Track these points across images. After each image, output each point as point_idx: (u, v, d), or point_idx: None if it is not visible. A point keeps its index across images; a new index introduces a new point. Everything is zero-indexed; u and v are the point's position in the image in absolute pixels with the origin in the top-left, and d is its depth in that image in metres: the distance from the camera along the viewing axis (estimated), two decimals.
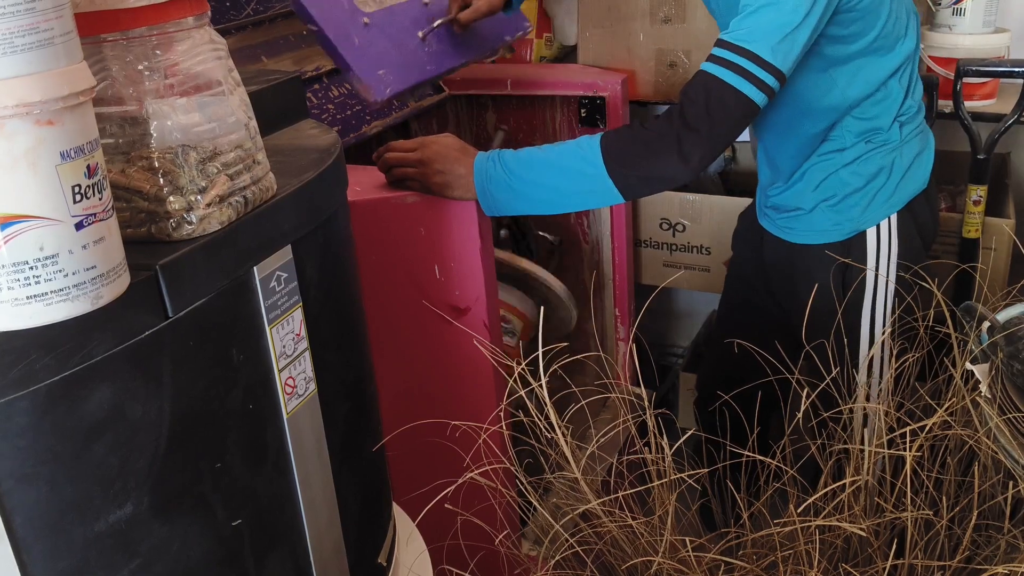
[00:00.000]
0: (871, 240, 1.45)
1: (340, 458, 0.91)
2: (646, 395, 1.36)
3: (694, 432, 1.26)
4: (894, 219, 1.45)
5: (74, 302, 0.58)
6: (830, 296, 1.44)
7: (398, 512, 1.15)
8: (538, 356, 1.14)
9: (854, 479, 1.20)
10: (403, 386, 1.37)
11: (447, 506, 1.13)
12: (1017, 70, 1.77)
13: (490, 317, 1.35)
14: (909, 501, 1.17)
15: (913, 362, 1.33)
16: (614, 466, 1.33)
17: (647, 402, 1.29)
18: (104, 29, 0.67)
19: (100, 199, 0.59)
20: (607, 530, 1.24)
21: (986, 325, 1.29)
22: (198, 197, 0.70)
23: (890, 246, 1.45)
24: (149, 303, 0.65)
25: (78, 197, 0.57)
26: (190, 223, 0.70)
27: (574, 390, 1.30)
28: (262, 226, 0.76)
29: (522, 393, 1.16)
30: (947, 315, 1.32)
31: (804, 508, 1.14)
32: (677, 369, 2.41)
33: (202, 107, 0.72)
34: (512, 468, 1.23)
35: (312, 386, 0.84)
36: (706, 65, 1.24)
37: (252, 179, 0.75)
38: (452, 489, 1.12)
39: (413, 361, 1.40)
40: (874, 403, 1.44)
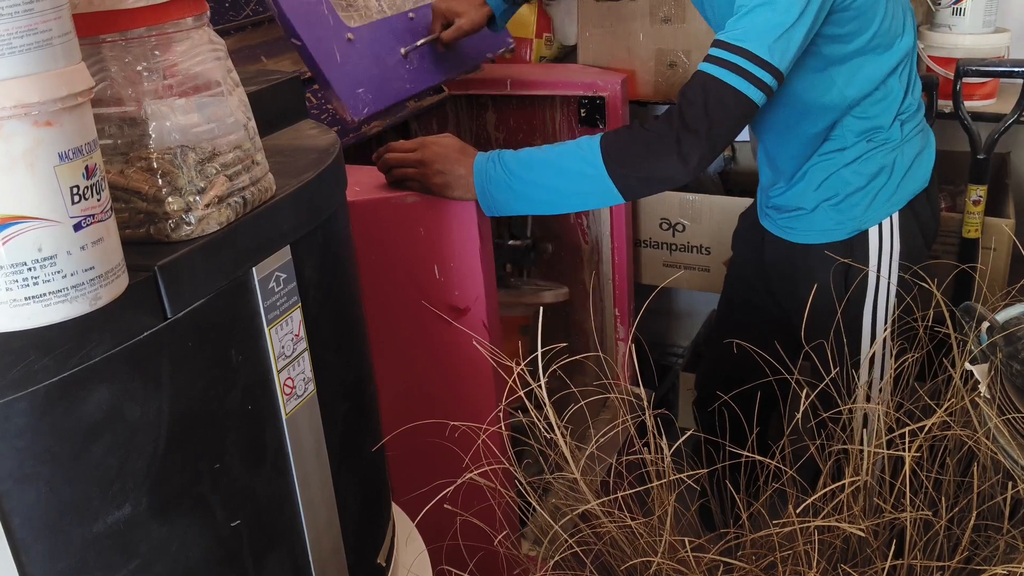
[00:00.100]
0: (873, 239, 1.45)
1: (339, 458, 0.91)
2: (645, 395, 1.36)
3: (693, 432, 1.26)
4: (896, 218, 1.45)
5: (72, 303, 0.58)
6: (831, 296, 1.44)
7: (397, 512, 1.15)
8: (537, 356, 1.14)
9: (853, 479, 1.20)
10: (402, 386, 1.37)
11: (446, 506, 1.13)
12: (1017, 70, 1.77)
13: (489, 317, 1.35)
14: (908, 501, 1.17)
15: (912, 362, 1.33)
16: (613, 466, 1.33)
17: (647, 402, 1.29)
18: (103, 30, 0.67)
19: (98, 200, 0.59)
20: (606, 530, 1.24)
21: (985, 325, 1.29)
22: (197, 198, 0.70)
23: (892, 245, 1.45)
24: (148, 304, 0.65)
25: (76, 198, 0.57)
26: (189, 224, 0.70)
27: (573, 390, 1.30)
28: (261, 227, 0.76)
29: (521, 393, 1.16)
30: (946, 315, 1.32)
31: (803, 508, 1.14)
32: (677, 369, 2.41)
33: (201, 108, 0.72)
34: (511, 468, 1.23)
35: (311, 386, 0.84)
36: (703, 65, 1.24)
37: (251, 180, 0.75)
38: (451, 489, 1.12)
39: (412, 361, 1.40)
40: (873, 403, 1.44)
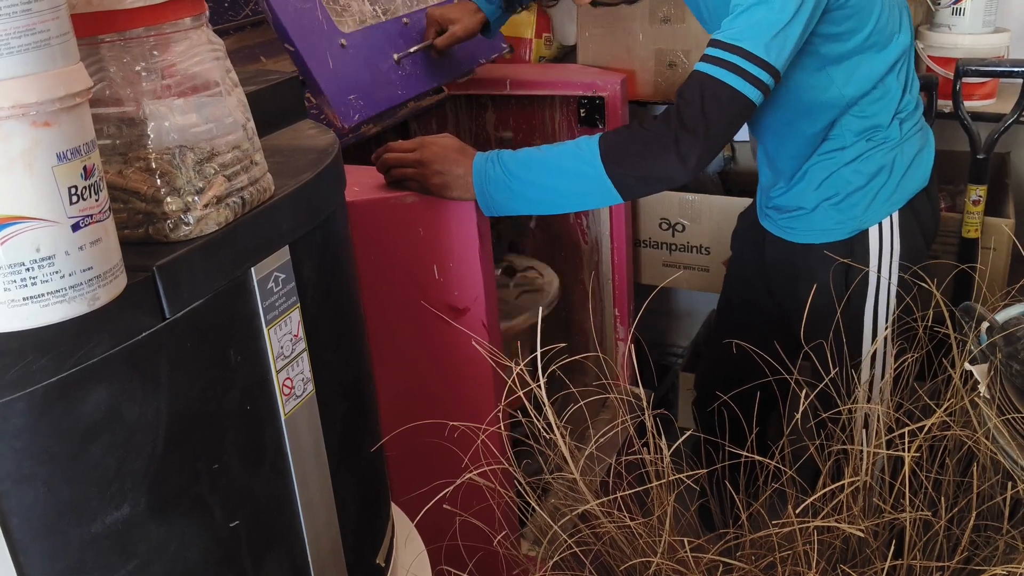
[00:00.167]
0: (873, 238, 1.45)
1: (338, 458, 0.90)
2: (645, 395, 1.36)
3: (693, 432, 1.26)
4: (896, 217, 1.45)
5: (71, 303, 0.58)
6: (831, 296, 1.43)
7: (397, 512, 1.15)
8: (536, 357, 1.14)
9: (853, 480, 1.20)
10: (402, 386, 1.37)
11: (446, 506, 1.13)
12: (1016, 70, 1.77)
13: (489, 317, 1.35)
14: (908, 502, 1.17)
15: (912, 362, 1.33)
16: (613, 467, 1.33)
17: (646, 402, 1.29)
18: (101, 30, 0.67)
19: (97, 200, 0.59)
20: (606, 531, 1.24)
21: (985, 325, 1.29)
22: (195, 198, 0.70)
23: (892, 244, 1.45)
24: (146, 304, 0.65)
25: (75, 198, 0.57)
26: (187, 224, 0.70)
27: (573, 391, 1.30)
28: (260, 227, 0.76)
29: (520, 394, 1.16)
30: (946, 315, 1.32)
31: (803, 509, 1.14)
32: (676, 369, 2.41)
33: (199, 108, 0.71)
34: (511, 469, 1.23)
35: (310, 387, 0.84)
36: (700, 65, 1.24)
37: (250, 180, 0.75)
38: (451, 489, 1.12)
39: (412, 361, 1.40)
40: (873, 403, 1.44)
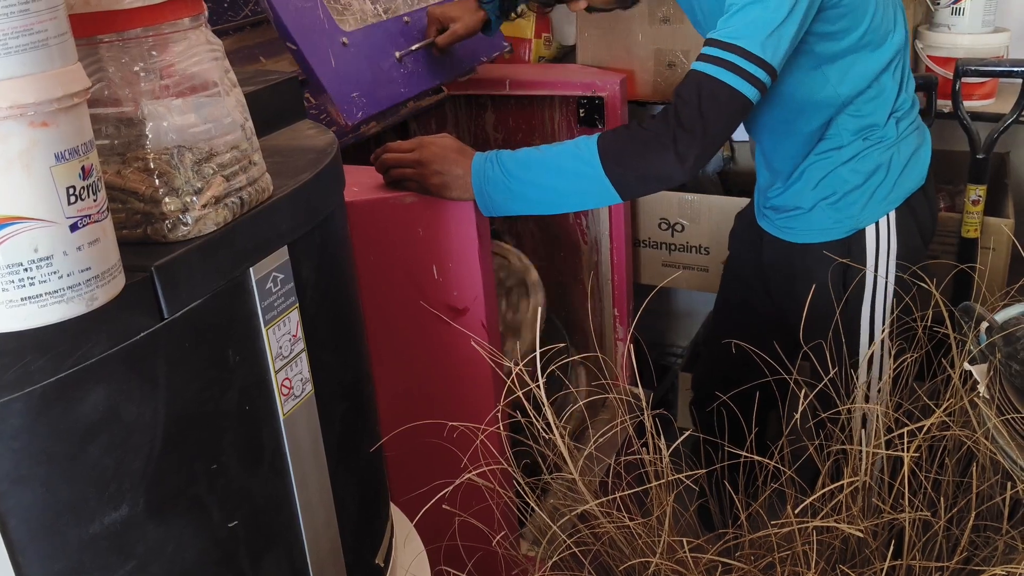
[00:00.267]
0: (870, 238, 1.45)
1: (337, 459, 0.90)
2: (644, 395, 1.36)
3: (692, 433, 1.26)
4: (893, 216, 1.45)
5: (69, 304, 0.58)
6: (829, 295, 1.43)
7: (396, 513, 1.15)
8: (535, 357, 1.14)
9: (852, 480, 1.20)
10: (401, 387, 1.37)
11: (445, 507, 1.13)
12: (1016, 70, 1.77)
13: (488, 318, 1.35)
14: (907, 502, 1.17)
15: (911, 362, 1.33)
16: (612, 467, 1.33)
17: (645, 402, 1.28)
18: (100, 30, 0.66)
19: (95, 200, 0.59)
20: (605, 531, 1.24)
21: (984, 325, 1.29)
22: (194, 198, 0.70)
23: (889, 243, 1.45)
24: (144, 305, 0.65)
25: (73, 199, 0.57)
26: (186, 224, 0.70)
27: (572, 391, 1.30)
28: (258, 227, 0.76)
29: (520, 394, 1.16)
30: (945, 315, 1.32)
31: (802, 509, 1.14)
32: (676, 369, 2.41)
33: (198, 108, 0.71)
34: (510, 469, 1.23)
35: (309, 387, 0.84)
36: (697, 64, 1.24)
37: (248, 180, 0.75)
38: (450, 490, 1.12)
39: (411, 362, 1.40)
40: (872, 403, 1.44)
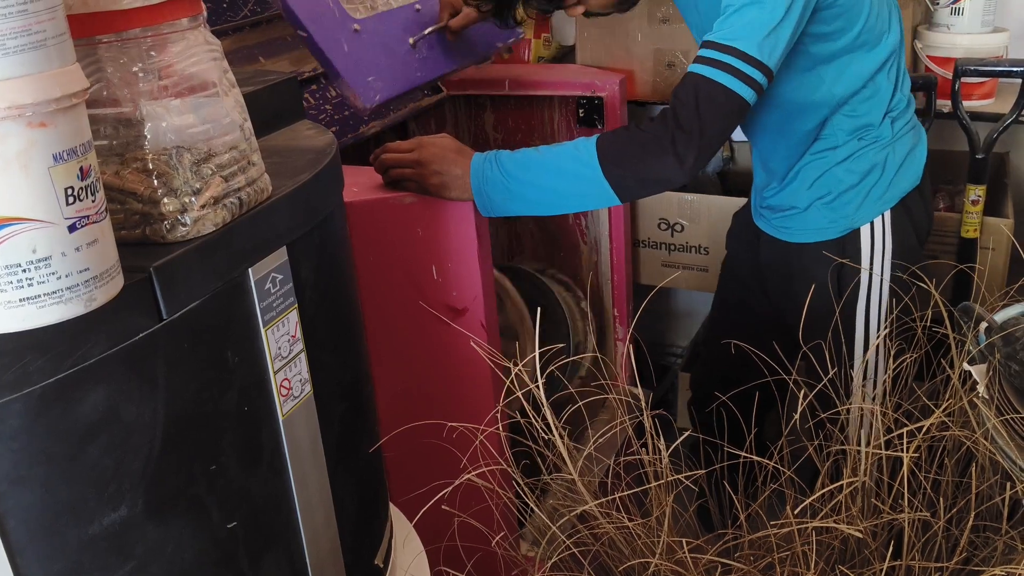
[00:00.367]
0: (865, 237, 1.45)
1: (336, 459, 0.90)
2: (644, 396, 1.36)
3: (691, 433, 1.26)
4: (888, 216, 1.45)
5: (67, 304, 0.58)
6: (827, 295, 1.43)
7: (395, 513, 1.15)
8: (535, 357, 1.14)
9: (851, 480, 1.20)
10: (400, 387, 1.37)
11: (444, 507, 1.13)
12: (1015, 70, 1.77)
13: (487, 318, 1.35)
14: (906, 502, 1.17)
15: (911, 362, 1.33)
16: (611, 467, 1.33)
17: (645, 403, 1.28)
18: (98, 31, 0.66)
19: (93, 201, 0.59)
20: (604, 531, 1.24)
21: (984, 326, 1.29)
22: (192, 199, 0.70)
23: (884, 243, 1.45)
24: (143, 305, 0.65)
25: (71, 199, 0.57)
26: (184, 225, 0.70)
27: (571, 391, 1.30)
28: (257, 228, 0.76)
29: (519, 394, 1.16)
30: (945, 315, 1.32)
31: (801, 509, 1.14)
32: (675, 369, 2.41)
33: (197, 108, 0.71)
34: (509, 469, 1.23)
35: (308, 388, 0.84)
36: (694, 66, 1.24)
37: (247, 180, 0.75)
38: (449, 490, 1.12)
39: (410, 362, 1.40)
40: (871, 404, 1.43)
